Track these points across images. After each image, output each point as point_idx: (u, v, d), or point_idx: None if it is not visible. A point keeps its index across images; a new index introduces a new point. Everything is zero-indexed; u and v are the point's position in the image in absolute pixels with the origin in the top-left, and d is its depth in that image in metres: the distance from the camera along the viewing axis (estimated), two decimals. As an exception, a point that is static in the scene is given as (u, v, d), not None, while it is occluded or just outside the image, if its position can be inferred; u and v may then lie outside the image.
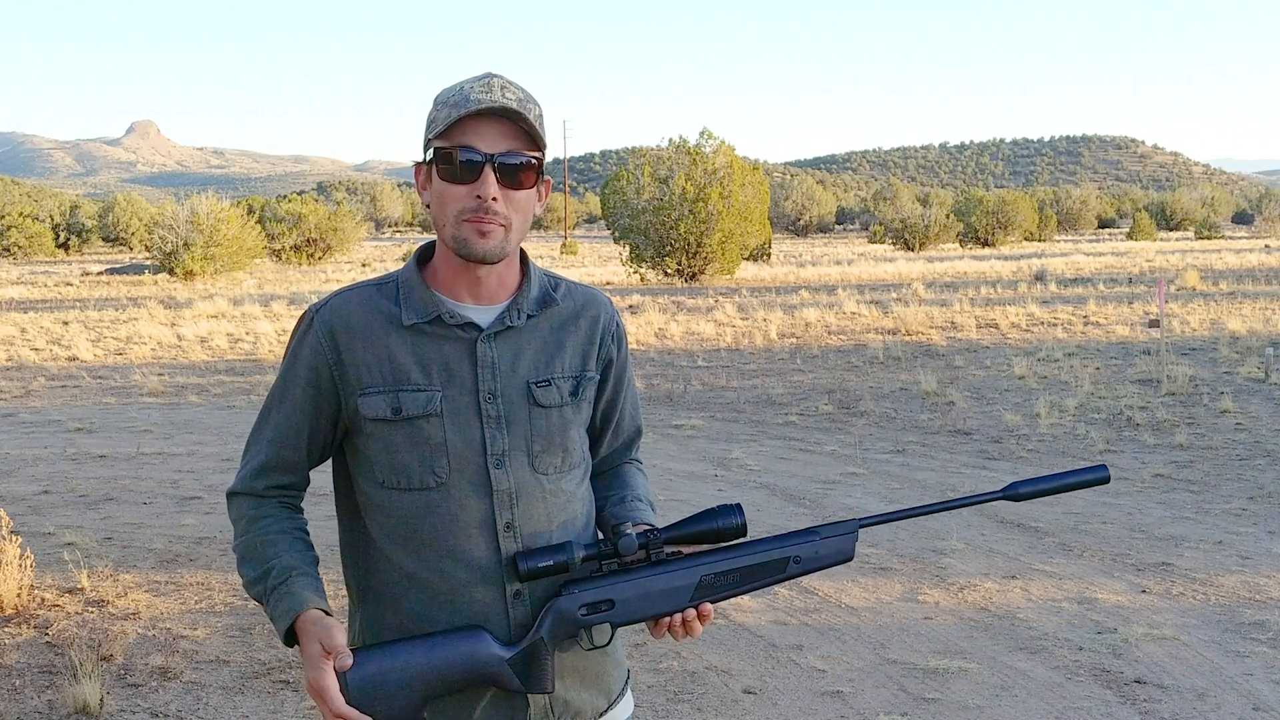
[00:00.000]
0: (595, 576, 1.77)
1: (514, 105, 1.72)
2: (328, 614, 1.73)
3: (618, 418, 1.97)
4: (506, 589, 1.77)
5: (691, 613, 1.78)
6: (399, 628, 1.79)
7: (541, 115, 1.78)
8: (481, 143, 1.72)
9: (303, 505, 1.90)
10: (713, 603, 1.80)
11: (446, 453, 1.76)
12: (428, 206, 1.82)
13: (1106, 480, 1.90)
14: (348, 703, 1.66)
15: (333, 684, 1.65)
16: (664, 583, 1.77)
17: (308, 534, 1.86)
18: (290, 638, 1.74)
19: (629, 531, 1.76)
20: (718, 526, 1.79)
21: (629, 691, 1.95)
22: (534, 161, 1.76)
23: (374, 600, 1.83)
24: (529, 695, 1.78)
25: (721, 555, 1.80)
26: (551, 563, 1.73)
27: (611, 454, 2.00)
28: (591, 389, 1.88)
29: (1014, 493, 1.86)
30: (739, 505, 1.81)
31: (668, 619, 1.79)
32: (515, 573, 1.74)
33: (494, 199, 1.72)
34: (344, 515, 1.88)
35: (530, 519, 1.78)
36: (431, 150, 1.76)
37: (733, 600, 5.55)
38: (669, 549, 1.80)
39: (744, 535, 1.81)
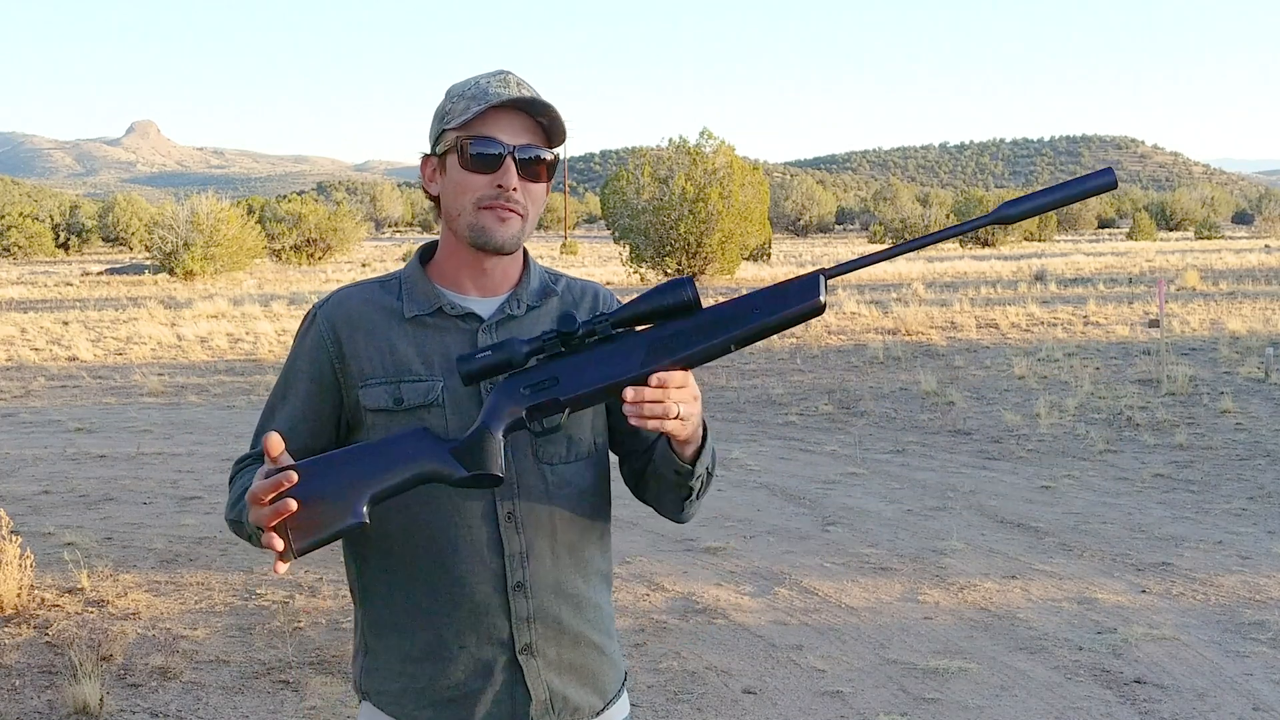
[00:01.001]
0: (539, 364, 1.66)
1: (532, 100, 1.75)
2: None
3: None
4: (508, 580, 1.76)
5: (655, 379, 1.61)
6: (398, 625, 1.79)
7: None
8: (503, 134, 1.75)
9: None
10: (670, 366, 1.61)
11: None
12: (434, 199, 1.82)
13: (1114, 185, 1.59)
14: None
15: (262, 474, 1.55)
16: (609, 353, 1.63)
17: None
18: (259, 538, 1.60)
19: (573, 314, 1.66)
20: (668, 303, 1.63)
21: (625, 693, 1.93)
22: (551, 157, 1.80)
23: (374, 598, 1.83)
24: (530, 690, 1.77)
25: (674, 321, 1.64)
26: (492, 355, 1.63)
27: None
28: None
29: (1003, 215, 1.59)
30: (690, 279, 1.64)
31: (631, 395, 1.60)
32: (458, 375, 1.66)
33: (514, 189, 1.75)
34: None
35: (532, 509, 1.78)
36: (450, 140, 1.77)
37: (732, 600, 5.55)
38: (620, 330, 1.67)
39: (697, 308, 1.64)
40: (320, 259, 45.27)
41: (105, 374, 14.82)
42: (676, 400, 1.62)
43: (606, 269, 37.38)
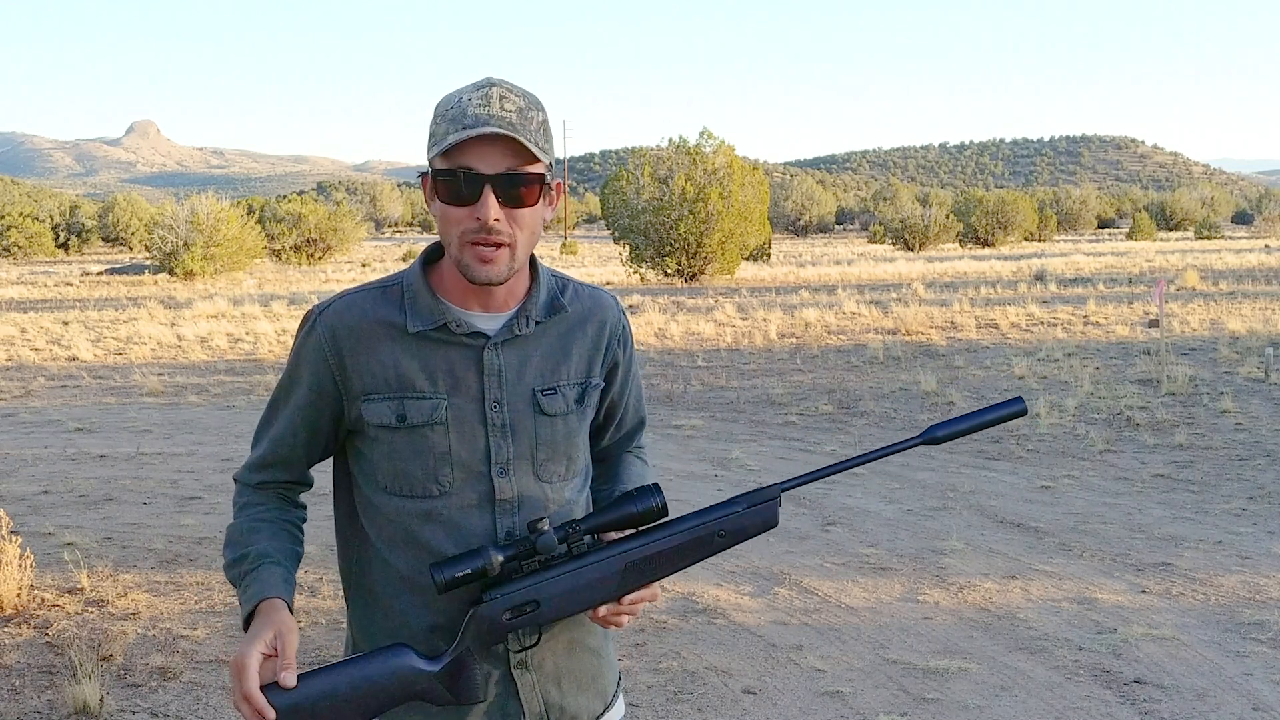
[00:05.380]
0: (516, 577, 1.71)
1: (511, 121, 1.66)
2: (290, 609, 1.70)
3: (621, 412, 1.97)
4: None
5: (628, 599, 1.73)
6: (389, 629, 1.78)
7: (545, 121, 1.72)
8: (480, 163, 1.66)
9: (303, 501, 1.90)
10: (643, 586, 1.75)
11: (451, 461, 1.75)
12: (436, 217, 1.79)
13: (1024, 413, 1.84)
14: None
15: (255, 663, 1.59)
16: (588, 576, 1.72)
17: (297, 527, 1.83)
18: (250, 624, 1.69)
19: (546, 529, 1.70)
20: (637, 511, 1.74)
21: (621, 695, 1.94)
22: (536, 176, 1.71)
23: (365, 600, 1.82)
24: (523, 703, 1.77)
25: (645, 539, 1.74)
26: (469, 571, 1.66)
27: (613, 444, 2.00)
28: (596, 395, 1.87)
29: (932, 436, 1.80)
30: (657, 485, 1.77)
31: (603, 611, 1.74)
32: (431, 583, 1.68)
33: (495, 220, 1.67)
34: (341, 513, 1.87)
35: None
36: (433, 168, 1.71)
37: (732, 600, 5.56)
38: (590, 538, 1.75)
39: (665, 515, 1.75)
40: (320, 259, 45.29)
41: (105, 374, 14.82)
42: (639, 611, 1.76)
43: (606, 269, 37.37)
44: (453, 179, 1.67)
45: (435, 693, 1.70)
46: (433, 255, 1.83)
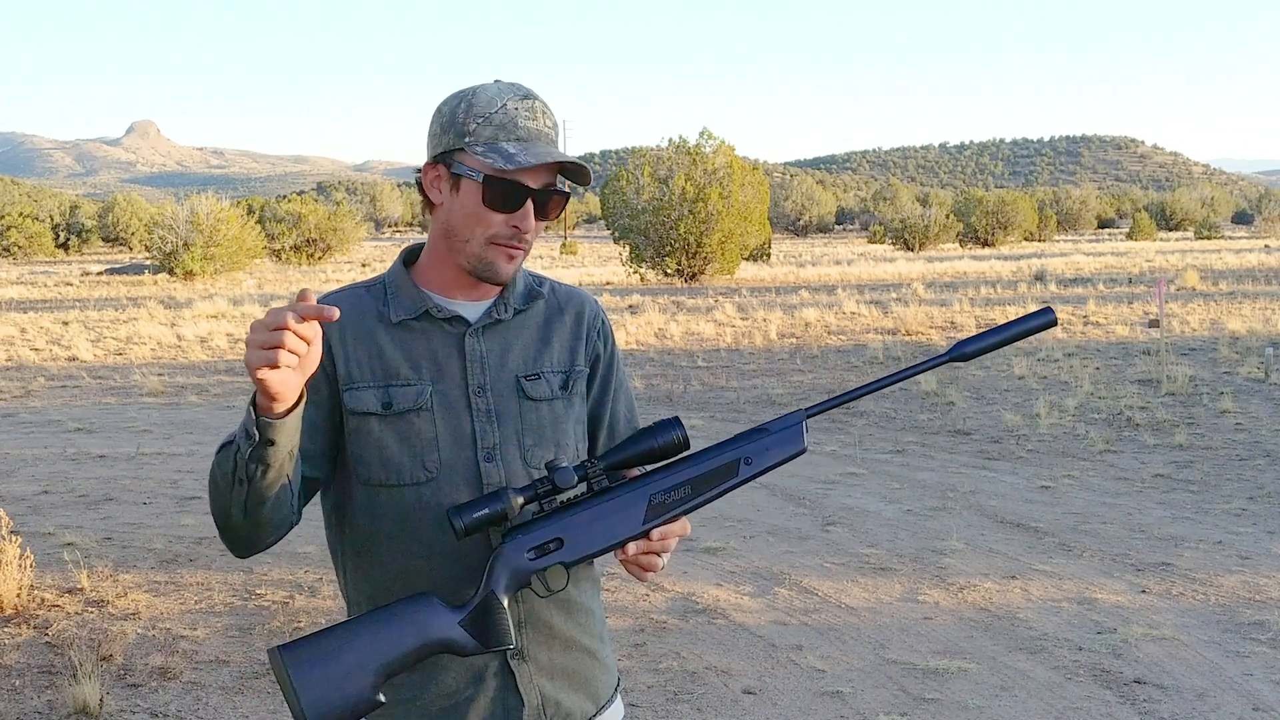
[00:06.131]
0: (538, 519, 1.68)
1: (553, 139, 1.77)
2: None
3: (611, 418, 1.96)
4: None
5: (657, 534, 1.70)
6: None
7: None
8: (528, 177, 1.74)
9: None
10: (669, 521, 1.70)
11: (437, 447, 1.76)
12: (434, 206, 1.79)
13: (1054, 323, 1.78)
14: (301, 705, 1.55)
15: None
16: (611, 509, 1.68)
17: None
18: (258, 418, 1.54)
19: (564, 464, 1.69)
20: (658, 444, 1.70)
21: (619, 698, 1.93)
22: (567, 189, 1.81)
23: (365, 604, 1.81)
24: (523, 695, 1.76)
25: (668, 471, 1.71)
26: (488, 512, 1.63)
27: None
28: (582, 383, 1.89)
29: (961, 353, 1.75)
30: (677, 419, 1.72)
31: (633, 549, 1.69)
32: (452, 529, 1.65)
33: (529, 230, 1.77)
34: (332, 527, 1.87)
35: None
36: (478, 175, 1.73)
37: (732, 600, 5.55)
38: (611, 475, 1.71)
39: (686, 449, 1.72)
40: (320, 259, 45.31)
41: (105, 374, 14.82)
42: (671, 547, 1.73)
43: (606, 269, 37.38)
44: (503, 187, 1.73)
45: (461, 641, 1.64)
46: (411, 256, 1.86)
